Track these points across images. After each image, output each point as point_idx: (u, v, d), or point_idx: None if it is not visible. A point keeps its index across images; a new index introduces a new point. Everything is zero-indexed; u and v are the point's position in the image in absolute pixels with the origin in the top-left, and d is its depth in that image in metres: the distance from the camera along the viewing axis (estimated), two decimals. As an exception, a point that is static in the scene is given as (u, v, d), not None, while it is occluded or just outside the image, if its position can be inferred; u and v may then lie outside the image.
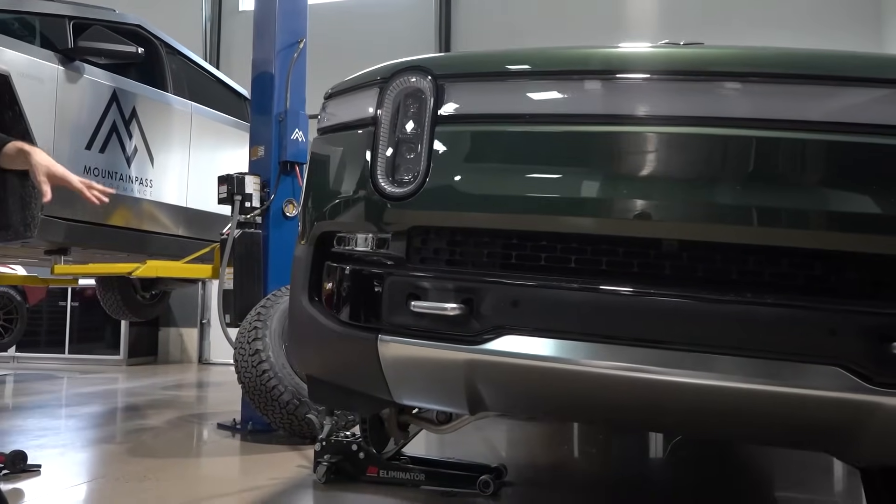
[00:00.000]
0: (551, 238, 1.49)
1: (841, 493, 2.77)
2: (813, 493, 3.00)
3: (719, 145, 1.42)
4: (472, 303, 1.49)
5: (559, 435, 4.39)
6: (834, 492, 2.80)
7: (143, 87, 4.32)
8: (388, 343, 1.57)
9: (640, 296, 1.39)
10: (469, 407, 1.62)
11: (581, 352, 1.41)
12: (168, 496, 2.73)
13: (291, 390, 3.58)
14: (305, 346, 1.84)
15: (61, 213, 3.70)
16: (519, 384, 1.51)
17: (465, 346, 1.48)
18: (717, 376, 1.34)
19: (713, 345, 1.35)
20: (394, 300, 1.56)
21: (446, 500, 2.69)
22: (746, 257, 1.38)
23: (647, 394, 1.39)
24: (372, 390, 1.73)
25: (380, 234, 1.66)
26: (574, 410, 1.55)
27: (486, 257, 1.54)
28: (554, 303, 1.44)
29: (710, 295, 1.37)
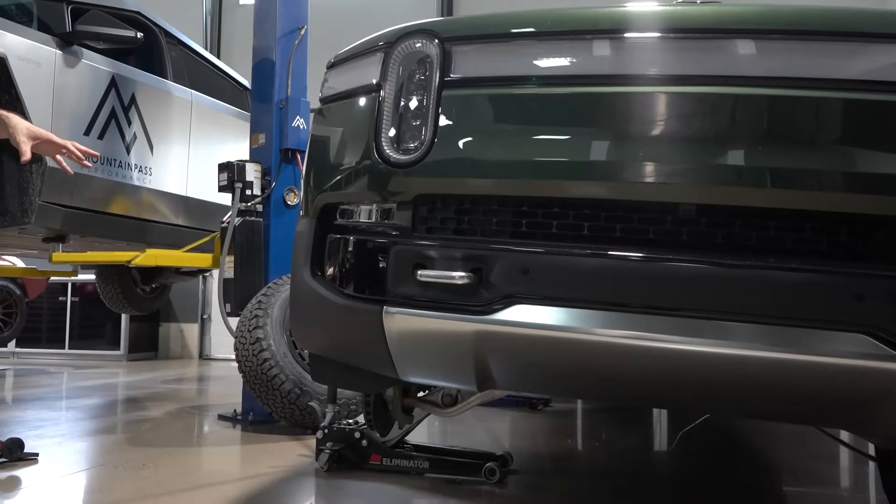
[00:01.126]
0: (563, 205, 1.43)
1: (848, 487, 2.72)
2: (821, 486, 2.94)
3: (739, 106, 1.36)
4: (480, 271, 1.43)
5: (564, 427, 4.34)
6: (840, 485, 2.74)
7: (142, 74, 4.27)
8: (394, 315, 1.51)
9: (657, 261, 1.33)
10: (477, 382, 1.56)
11: (594, 320, 1.36)
12: (167, 483, 2.68)
13: (293, 379, 3.53)
14: (308, 323, 1.78)
15: (59, 199, 3.65)
16: (529, 356, 1.45)
17: (474, 317, 1.43)
18: (736, 345, 1.28)
19: (733, 312, 1.29)
20: (399, 270, 1.50)
21: (451, 488, 2.63)
22: (768, 221, 1.33)
23: (664, 364, 1.33)
24: (376, 367, 1.68)
25: (384, 205, 1.61)
26: (587, 384, 1.48)
27: (496, 226, 1.49)
28: (566, 270, 1.38)
29: (730, 260, 1.31)
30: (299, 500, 2.56)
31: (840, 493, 2.82)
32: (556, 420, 4.45)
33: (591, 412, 5.02)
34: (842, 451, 3.52)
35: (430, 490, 2.63)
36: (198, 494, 2.62)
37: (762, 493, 2.68)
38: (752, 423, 4.38)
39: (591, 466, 3.25)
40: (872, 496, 2.68)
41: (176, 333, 9.36)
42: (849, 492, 2.81)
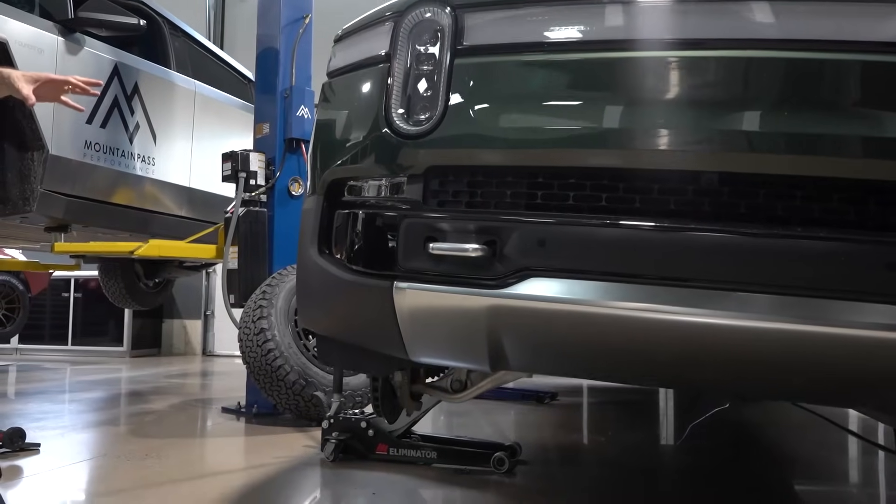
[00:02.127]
0: (580, 174, 1.38)
1: (857, 484, 2.66)
2: (834, 481, 2.89)
3: (761, 70, 1.30)
4: (494, 244, 1.38)
5: (571, 421, 4.29)
6: (850, 482, 2.69)
7: (145, 63, 4.22)
8: (404, 291, 1.46)
9: (679, 231, 1.28)
10: (490, 362, 1.51)
11: (613, 293, 1.30)
12: (170, 473, 2.63)
13: (298, 370, 3.48)
14: (315, 303, 1.73)
15: (61, 188, 3.61)
16: (545, 333, 1.40)
17: (488, 291, 1.38)
18: (762, 317, 1.23)
19: (759, 283, 1.24)
20: (410, 244, 1.45)
21: (460, 478, 2.59)
22: (794, 190, 1.27)
23: (687, 339, 1.28)
24: (386, 347, 1.63)
25: (394, 178, 1.56)
26: (604, 362, 1.43)
27: (510, 198, 1.44)
28: (584, 241, 1.33)
29: (756, 230, 1.26)
30: (304, 491, 2.51)
31: (849, 489, 2.77)
32: (563, 413, 4.40)
33: (597, 405, 4.98)
34: (851, 442, 3.47)
35: (438, 480, 2.58)
36: (201, 484, 2.57)
37: (771, 487, 2.63)
38: (761, 417, 4.33)
39: (599, 458, 3.20)
40: (882, 487, 2.63)
41: (179, 330, 9.31)
42: (857, 487, 2.76)
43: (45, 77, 2.26)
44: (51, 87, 2.30)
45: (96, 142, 3.78)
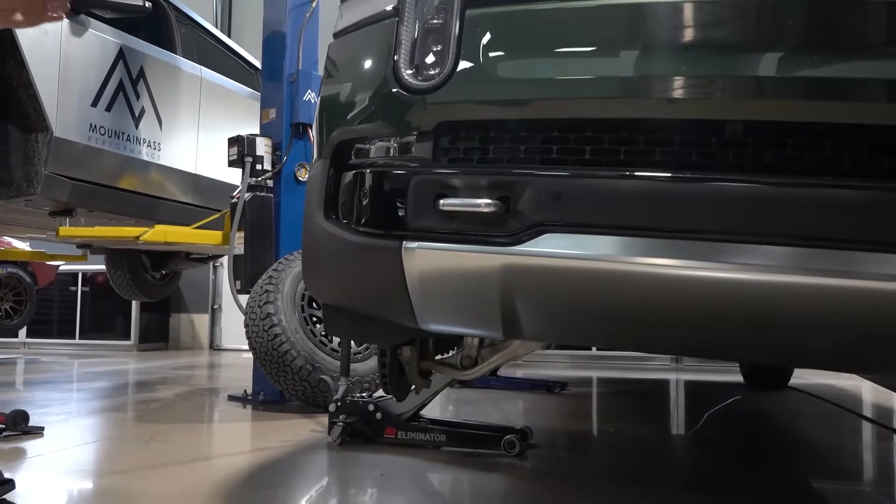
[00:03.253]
0: (598, 127, 1.32)
1: (871, 482, 2.59)
2: (845, 479, 2.81)
3: (789, 10, 1.24)
4: (508, 200, 1.32)
5: (581, 409, 4.22)
6: (864, 480, 2.61)
7: (150, 47, 4.18)
8: (414, 251, 1.40)
9: (702, 182, 1.22)
10: (503, 327, 1.44)
11: (632, 248, 1.24)
12: (174, 455, 2.59)
13: (304, 355, 3.43)
14: (322, 270, 1.68)
15: (66, 171, 3.57)
16: (560, 293, 1.33)
17: (502, 248, 1.32)
18: (790, 271, 1.16)
19: (788, 236, 1.17)
20: (419, 201, 1.39)
21: (470, 461, 2.53)
22: (824, 139, 1.21)
23: (711, 295, 1.22)
24: (395, 314, 1.57)
25: (403, 137, 1.50)
26: (622, 324, 1.36)
27: (524, 153, 1.37)
28: (602, 194, 1.27)
29: (783, 179, 1.19)
30: (310, 472, 2.46)
31: (864, 488, 2.70)
32: (574, 403, 4.34)
33: (608, 395, 4.91)
34: (863, 436, 3.40)
35: (447, 462, 2.52)
36: (205, 465, 2.53)
37: (782, 480, 2.56)
38: (775, 405, 4.26)
39: (610, 445, 3.14)
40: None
41: (186, 324, 9.29)
42: (871, 485, 2.69)
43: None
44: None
45: (101, 125, 3.74)
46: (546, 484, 2.33)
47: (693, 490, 2.31)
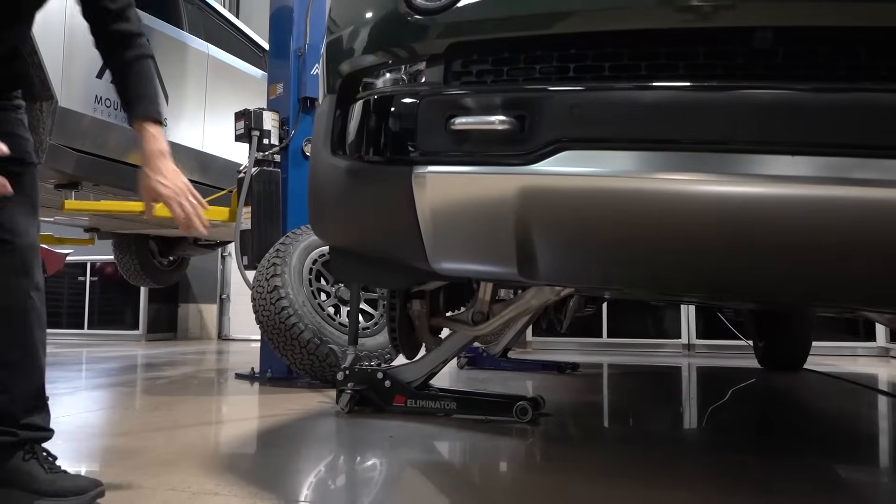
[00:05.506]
0: (617, 41, 1.25)
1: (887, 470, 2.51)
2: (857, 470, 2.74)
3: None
4: (524, 118, 1.26)
5: (593, 387, 4.15)
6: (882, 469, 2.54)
7: (156, 21, 4.14)
8: (425, 177, 1.34)
9: (733, 89, 1.15)
10: (518, 263, 1.38)
11: (657, 163, 1.18)
12: (180, 420, 2.54)
13: (312, 328, 3.37)
14: (330, 209, 1.62)
15: (71, 142, 3.53)
16: (579, 216, 1.27)
17: (518, 168, 1.25)
18: (829, 182, 1.10)
19: (829, 145, 1.11)
20: (431, 123, 1.33)
21: (481, 426, 2.46)
22: (859, 46, 1.14)
23: (738, 213, 1.15)
24: (405, 252, 1.51)
25: (413, 64, 1.45)
26: (644, 254, 1.29)
27: (540, 73, 1.31)
28: (624, 106, 1.21)
29: (818, 84, 1.12)
30: (317, 435, 2.40)
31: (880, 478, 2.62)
32: (586, 381, 4.27)
33: (619, 376, 4.83)
34: (879, 424, 3.31)
35: (458, 427, 2.46)
36: (210, 428, 2.48)
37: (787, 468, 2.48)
38: (788, 384, 4.17)
39: (621, 418, 3.07)
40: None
41: (195, 314, 9.26)
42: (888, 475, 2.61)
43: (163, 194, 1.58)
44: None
45: (106, 97, 3.69)
46: (560, 445, 2.26)
47: (711, 450, 2.24)
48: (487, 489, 1.78)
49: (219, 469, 1.79)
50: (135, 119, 1.58)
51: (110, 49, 1.58)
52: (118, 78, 1.60)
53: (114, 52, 1.57)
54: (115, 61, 1.58)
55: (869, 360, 6.29)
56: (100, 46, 1.59)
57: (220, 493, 1.55)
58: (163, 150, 1.57)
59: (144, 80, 1.59)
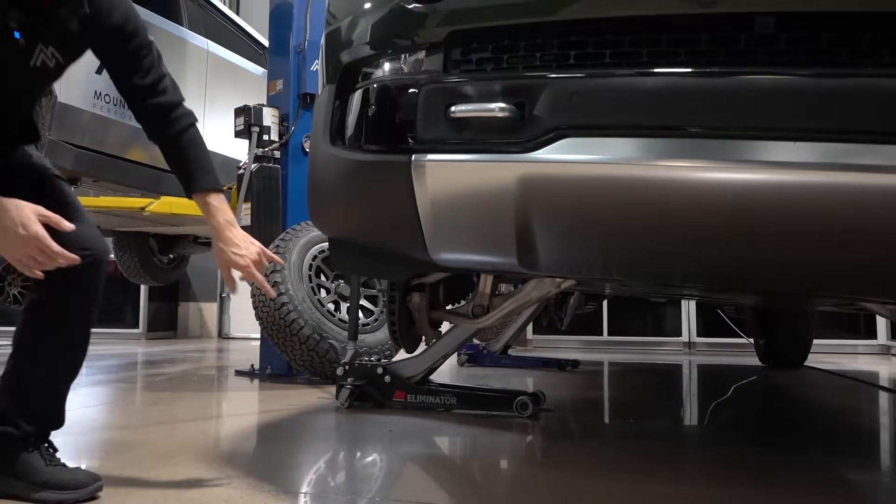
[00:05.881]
0: (618, 28, 1.24)
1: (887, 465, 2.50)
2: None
3: None
4: (524, 105, 1.25)
5: (593, 384, 4.14)
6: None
7: (155, 17, 4.13)
8: (424, 165, 1.34)
9: (730, 76, 1.14)
10: (519, 254, 1.37)
11: (659, 149, 1.17)
12: (179, 415, 2.53)
13: (312, 324, 3.36)
14: (330, 199, 1.61)
15: (70, 138, 3.52)
16: (580, 204, 1.26)
17: (518, 155, 1.25)
18: (830, 168, 1.09)
19: (827, 130, 1.10)
20: (430, 110, 1.33)
21: (481, 420, 2.45)
22: (856, 29, 1.13)
23: (742, 201, 1.14)
24: (405, 242, 1.50)
25: (413, 53, 1.44)
26: (644, 242, 1.28)
27: (540, 60, 1.30)
28: (626, 92, 1.20)
29: (821, 70, 1.12)
30: (317, 429, 2.39)
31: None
32: (586, 378, 4.26)
33: (619, 373, 4.83)
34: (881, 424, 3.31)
35: (458, 422, 2.45)
36: (210, 422, 2.47)
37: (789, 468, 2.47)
38: (790, 381, 4.17)
39: (622, 413, 3.06)
40: None
41: (195, 312, 9.25)
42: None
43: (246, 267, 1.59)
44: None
45: (106, 92, 3.69)
46: (561, 439, 2.26)
47: (717, 452, 2.23)
48: (488, 482, 1.77)
49: (218, 462, 1.78)
50: (195, 192, 1.57)
51: (153, 125, 1.57)
52: (167, 151, 1.59)
53: (157, 128, 1.57)
54: (160, 136, 1.58)
55: (870, 357, 6.28)
56: (141, 121, 1.57)
57: (219, 485, 1.55)
58: (231, 220, 1.59)
59: (196, 150, 1.60)
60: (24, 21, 1.34)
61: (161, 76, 1.54)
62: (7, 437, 1.41)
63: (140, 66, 1.50)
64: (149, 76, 1.51)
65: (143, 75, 1.50)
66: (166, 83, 1.55)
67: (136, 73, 1.50)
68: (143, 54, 1.51)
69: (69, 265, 1.30)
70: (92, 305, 1.48)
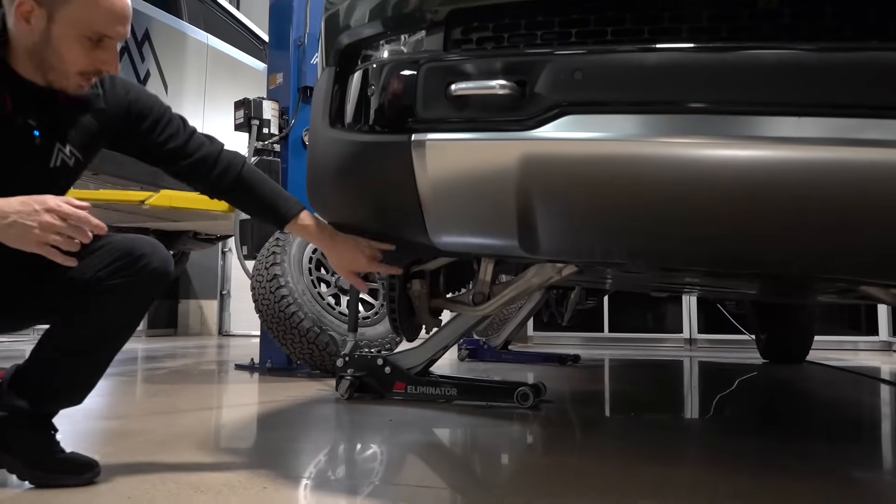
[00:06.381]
0: (620, 4, 1.23)
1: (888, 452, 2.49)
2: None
3: None
4: (524, 83, 1.24)
5: (594, 378, 4.13)
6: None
7: (155, 10, 4.11)
8: (424, 144, 1.32)
9: (739, 50, 1.13)
10: (520, 235, 1.35)
11: (662, 126, 1.16)
12: (178, 405, 2.52)
13: (312, 317, 3.35)
14: (329, 182, 1.59)
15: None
16: (582, 185, 1.25)
17: (519, 133, 1.23)
18: (836, 142, 1.07)
19: (834, 105, 1.09)
20: (430, 89, 1.31)
21: (482, 411, 2.44)
22: (867, 4, 1.12)
23: (750, 179, 1.13)
24: (404, 226, 1.49)
25: (413, 34, 1.43)
26: (647, 222, 1.26)
27: (541, 39, 1.29)
28: (628, 68, 1.19)
29: (826, 44, 1.10)
30: (316, 418, 2.37)
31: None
32: (587, 372, 4.25)
33: (620, 367, 4.82)
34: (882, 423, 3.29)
35: (459, 412, 2.44)
36: (209, 413, 2.46)
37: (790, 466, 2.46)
38: (794, 374, 4.15)
39: (622, 405, 3.05)
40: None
41: (195, 310, 9.24)
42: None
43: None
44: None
45: (106, 85, 3.67)
46: (562, 429, 2.24)
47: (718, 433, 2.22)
48: (488, 467, 1.76)
49: (217, 449, 1.77)
50: (287, 223, 1.60)
51: (207, 180, 1.58)
52: (237, 198, 1.62)
53: (213, 180, 1.57)
54: (220, 188, 1.59)
55: (871, 354, 6.26)
56: (200, 185, 1.60)
57: (216, 470, 1.53)
58: (331, 231, 1.62)
59: (263, 184, 1.61)
60: (42, 120, 1.35)
61: (191, 134, 1.56)
62: (15, 415, 1.39)
63: (168, 133, 1.52)
64: (178, 138, 1.53)
65: (174, 140, 1.52)
66: (200, 138, 1.57)
67: (168, 143, 1.52)
68: (167, 121, 1.53)
69: (97, 232, 1.26)
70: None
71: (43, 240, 1.21)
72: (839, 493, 1.46)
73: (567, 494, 1.41)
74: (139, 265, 1.39)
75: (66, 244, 1.23)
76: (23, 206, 1.22)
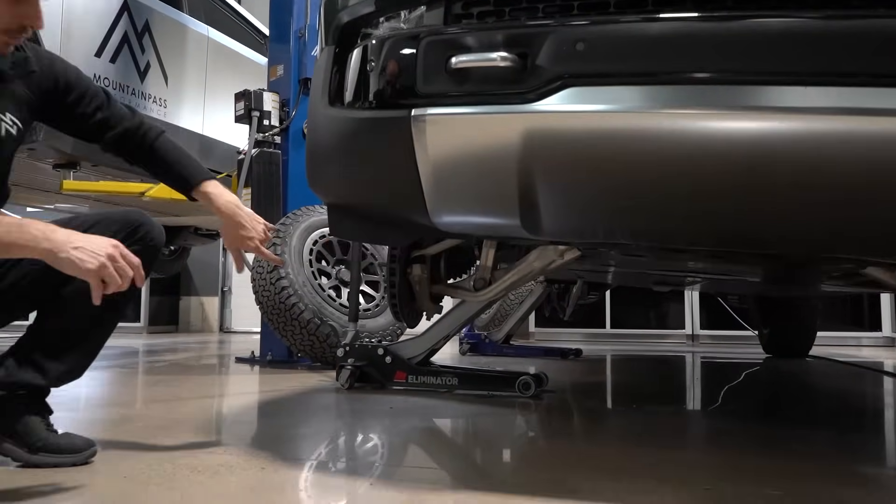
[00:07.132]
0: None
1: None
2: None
3: None
4: (526, 56, 1.22)
5: (596, 371, 4.11)
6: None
7: (156, 2, 4.09)
8: (425, 119, 1.30)
9: (743, 19, 1.11)
10: (521, 214, 1.34)
11: (666, 97, 1.14)
12: (178, 394, 2.50)
13: (312, 309, 3.34)
14: (328, 163, 1.58)
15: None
16: (585, 157, 1.23)
17: (521, 106, 1.22)
18: (845, 111, 1.06)
19: (841, 73, 1.07)
20: (430, 62, 1.30)
21: (483, 399, 2.42)
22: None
23: (757, 151, 1.11)
24: (405, 204, 1.47)
25: (412, 11, 1.41)
26: (651, 198, 1.24)
27: (543, 12, 1.27)
28: (631, 38, 1.17)
29: (832, 12, 1.08)
30: (317, 407, 2.36)
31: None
32: (589, 365, 4.23)
33: (622, 361, 4.79)
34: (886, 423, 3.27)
35: (459, 400, 2.42)
36: (209, 400, 2.44)
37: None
38: (797, 367, 4.13)
39: (624, 396, 3.03)
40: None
41: (196, 306, 9.23)
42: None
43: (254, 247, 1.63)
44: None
45: (105, 76, 3.67)
46: (564, 416, 2.22)
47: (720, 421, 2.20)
48: (488, 450, 1.74)
49: (216, 433, 1.76)
50: (192, 189, 1.58)
51: (126, 150, 1.57)
52: (151, 167, 1.60)
53: (131, 149, 1.57)
54: (137, 156, 1.58)
55: (875, 349, 6.24)
56: (119, 154, 1.58)
57: (215, 452, 1.52)
58: (233, 201, 1.60)
59: (175, 153, 1.61)
60: None
61: (114, 105, 1.56)
62: (14, 393, 1.38)
63: (95, 104, 1.51)
64: (105, 109, 1.53)
65: (101, 112, 1.52)
66: (123, 109, 1.57)
67: (95, 114, 1.51)
68: (93, 92, 1.52)
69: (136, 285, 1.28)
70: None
71: (98, 274, 1.21)
72: (848, 472, 1.45)
73: (569, 475, 1.40)
74: (140, 234, 1.43)
75: (113, 282, 1.23)
76: (87, 241, 1.23)
